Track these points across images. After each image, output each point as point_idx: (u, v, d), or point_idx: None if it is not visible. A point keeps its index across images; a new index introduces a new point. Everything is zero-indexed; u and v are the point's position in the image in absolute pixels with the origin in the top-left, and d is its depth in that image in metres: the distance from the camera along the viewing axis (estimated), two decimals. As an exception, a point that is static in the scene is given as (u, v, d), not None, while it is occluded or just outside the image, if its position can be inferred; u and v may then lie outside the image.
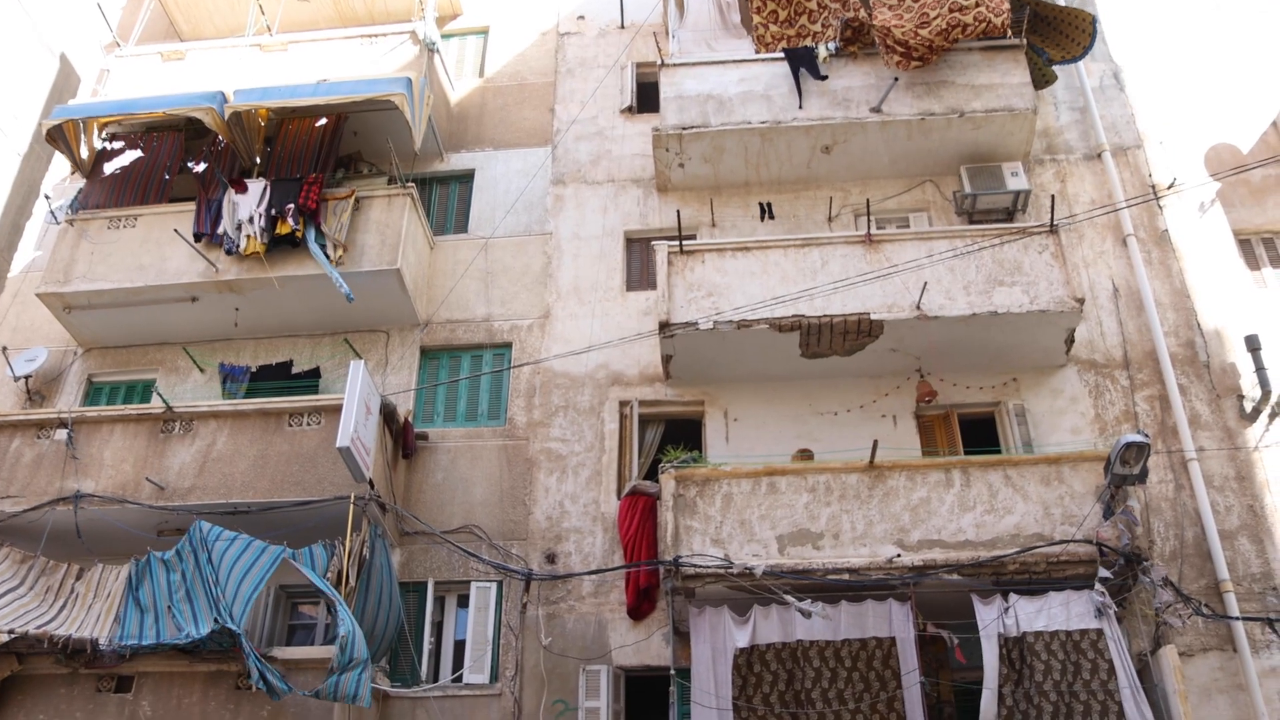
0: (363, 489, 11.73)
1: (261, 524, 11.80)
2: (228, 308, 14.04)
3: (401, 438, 12.94)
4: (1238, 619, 11.39)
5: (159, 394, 13.40)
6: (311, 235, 13.67)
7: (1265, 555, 11.91)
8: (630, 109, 16.19)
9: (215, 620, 10.71)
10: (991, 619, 10.48)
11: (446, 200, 15.93)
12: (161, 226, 14.28)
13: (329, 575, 11.27)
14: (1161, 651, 10.39)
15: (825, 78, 14.43)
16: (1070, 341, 12.77)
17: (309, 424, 12.48)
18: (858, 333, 12.35)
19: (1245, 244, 14.20)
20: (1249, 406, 12.78)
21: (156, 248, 14.14)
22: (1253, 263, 14.08)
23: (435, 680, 11.96)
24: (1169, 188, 14.24)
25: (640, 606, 11.81)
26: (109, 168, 15.44)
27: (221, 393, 13.83)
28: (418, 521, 12.64)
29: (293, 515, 11.91)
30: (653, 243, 13.52)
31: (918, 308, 12.21)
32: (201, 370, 14.23)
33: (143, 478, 12.22)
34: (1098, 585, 10.41)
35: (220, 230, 13.93)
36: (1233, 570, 11.77)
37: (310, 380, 13.99)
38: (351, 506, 11.61)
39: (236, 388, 13.90)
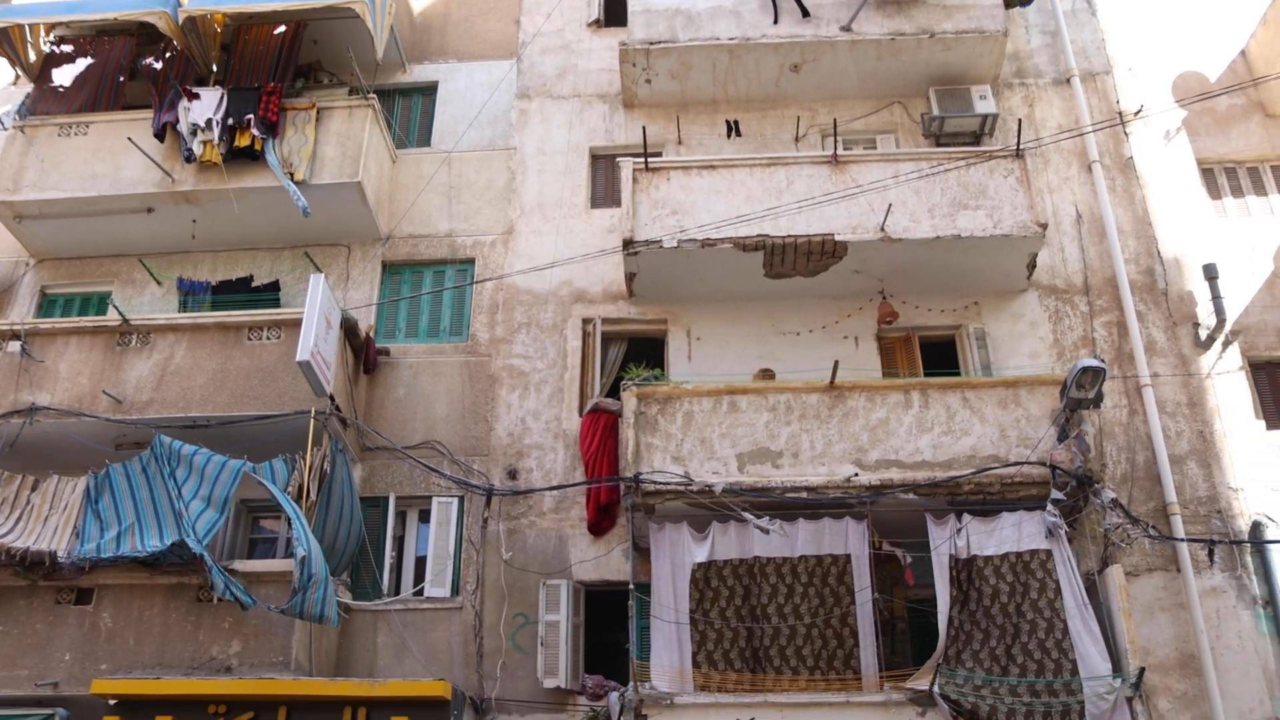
0: (323, 403, 11.67)
1: (221, 438, 11.72)
2: (185, 220, 13.77)
3: (363, 353, 12.86)
4: (1183, 540, 11.68)
5: (115, 306, 13.18)
6: (271, 146, 13.38)
7: (1212, 480, 12.19)
8: (597, 22, 15.89)
9: (178, 533, 10.69)
10: (944, 538, 10.70)
11: (409, 113, 15.63)
12: (115, 134, 13.92)
13: (289, 490, 11.26)
14: (1108, 571, 10.65)
15: (797, -6, 14.25)
16: (1032, 266, 12.86)
17: (269, 338, 12.36)
18: (821, 253, 12.35)
19: (1208, 173, 14.28)
20: (1203, 334, 12.96)
21: (110, 156, 13.80)
22: (1214, 192, 14.18)
23: (396, 594, 12.07)
24: (1136, 114, 14.25)
25: (601, 522, 11.94)
26: (58, 74, 14.95)
27: (181, 310, 13.62)
28: (379, 436, 12.63)
29: (252, 430, 11.84)
30: (618, 159, 13.40)
31: (882, 229, 12.22)
32: (159, 283, 14.00)
33: (99, 390, 12.08)
34: (1049, 506, 10.63)
35: (178, 132, 13.57)
36: (1180, 494, 12.05)
37: (270, 294, 13.82)
38: (312, 421, 11.56)
39: (197, 304, 13.72)
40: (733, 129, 14.57)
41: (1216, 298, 12.89)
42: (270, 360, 12.22)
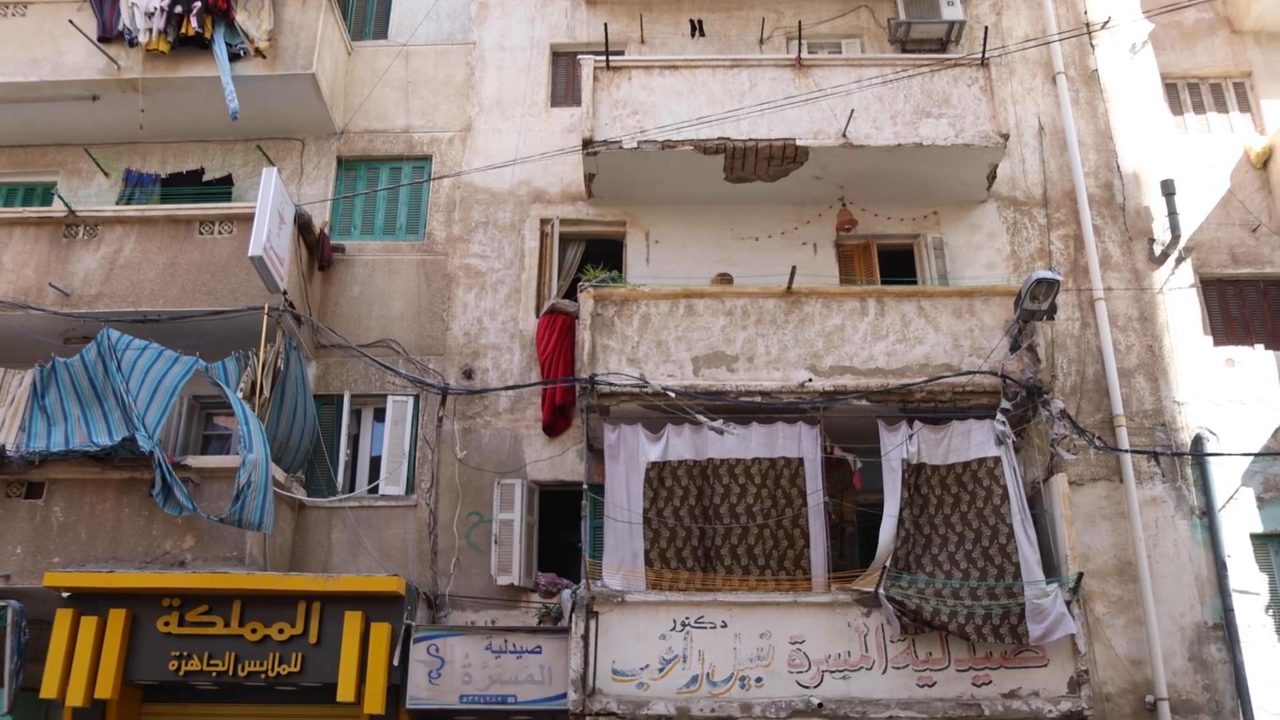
0: (277, 300, 11.54)
1: (172, 334, 11.58)
2: (132, 108, 13.32)
3: (317, 249, 12.67)
4: (1127, 452, 11.95)
5: (60, 197, 12.85)
6: (221, 35, 12.93)
7: (1159, 393, 12.42)
8: (560, -85, 15.41)
9: (127, 429, 10.60)
10: (896, 445, 10.85)
11: (365, 3, 15.15)
12: (55, 17, 13.37)
13: (242, 386, 11.18)
14: (1053, 480, 10.86)
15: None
16: (992, 177, 12.86)
17: (220, 232, 12.13)
18: (783, 158, 12.26)
19: (1172, 88, 14.24)
20: (1158, 250, 13.08)
21: (51, 40, 13.28)
22: (1177, 107, 14.17)
23: (351, 491, 12.10)
24: (1103, 26, 14.14)
25: (556, 423, 11.99)
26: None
27: (128, 202, 13.28)
28: (334, 334, 12.52)
29: (205, 325, 11.70)
30: (579, 57, 13.12)
31: (844, 135, 12.13)
32: (106, 174, 13.64)
33: (46, 283, 11.84)
34: (999, 416, 10.79)
35: (120, 24, 13.06)
36: (1127, 406, 12.28)
37: (222, 188, 13.52)
38: (265, 317, 11.45)
39: (145, 197, 13.39)
40: (696, 29, 14.32)
41: (1173, 214, 12.98)
42: (222, 255, 12.03)
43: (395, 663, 10.35)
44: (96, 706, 10.51)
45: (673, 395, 10.73)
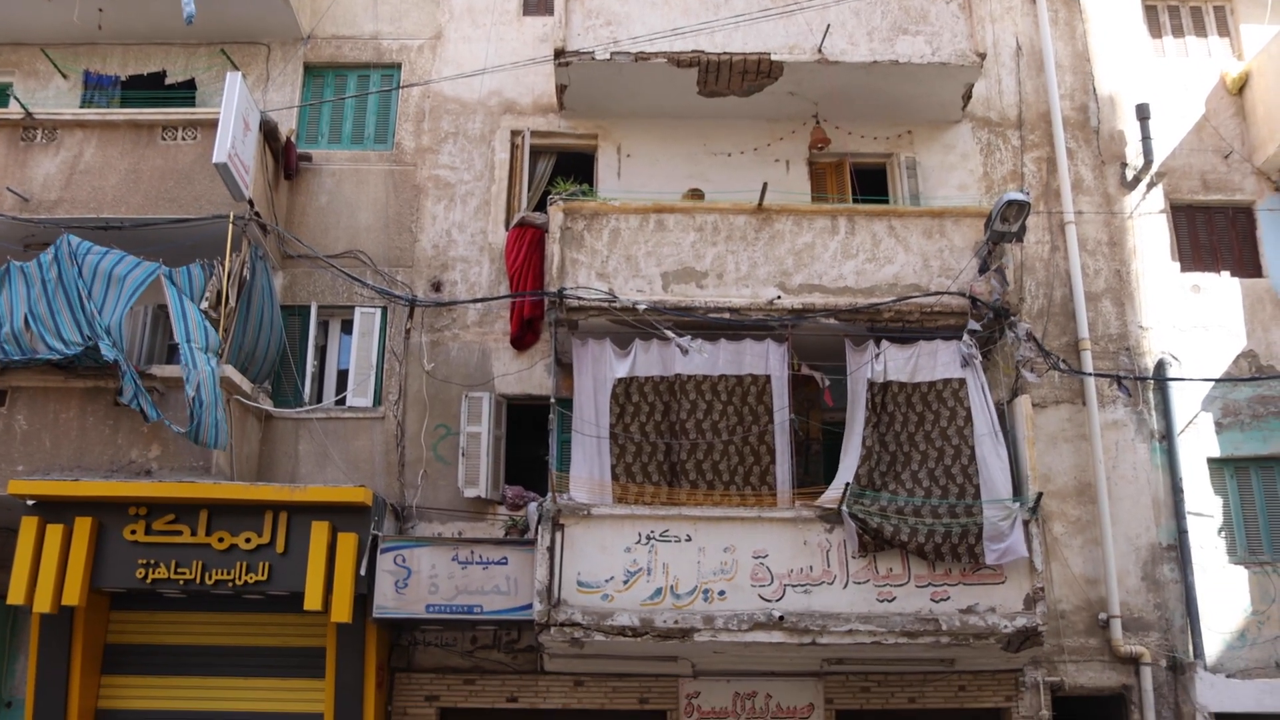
0: (242, 208, 11.35)
1: (135, 242, 11.38)
2: (90, 7, 12.88)
3: (283, 157, 12.44)
4: (1090, 375, 12.07)
5: (16, 99, 12.50)
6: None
7: (1124, 318, 12.52)
8: None
9: (87, 337, 10.47)
10: (862, 364, 10.90)
11: (333, -98, 14.68)
12: (5, -95, 12.89)
13: (207, 295, 11.06)
14: (1017, 401, 10.97)
15: None
16: (968, 97, 12.75)
17: (184, 138, 11.88)
18: (757, 73, 12.10)
19: (1151, 10, 14.10)
20: (1130, 175, 13.08)
21: (1, -70, 12.82)
22: (1155, 30, 14.04)
23: (319, 402, 12.05)
24: (1085, -58, 13.94)
25: (524, 337, 11.95)
26: None
27: (88, 105, 12.95)
28: (300, 244, 12.35)
29: (169, 233, 11.51)
30: (551, -37, 12.84)
31: (819, 51, 11.97)
32: (64, 76, 13.26)
33: (3, 188, 11.57)
34: (966, 337, 10.83)
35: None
36: (1093, 330, 12.38)
37: (185, 93, 13.21)
38: (230, 226, 11.27)
39: (105, 99, 13.06)
40: (673, -61, 13.97)
41: (1146, 138, 12.95)
42: (186, 162, 11.80)
43: (362, 572, 10.43)
44: (64, 614, 10.54)
45: (641, 310, 10.70)
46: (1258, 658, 11.46)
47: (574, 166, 12.85)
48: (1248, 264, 12.97)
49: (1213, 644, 11.45)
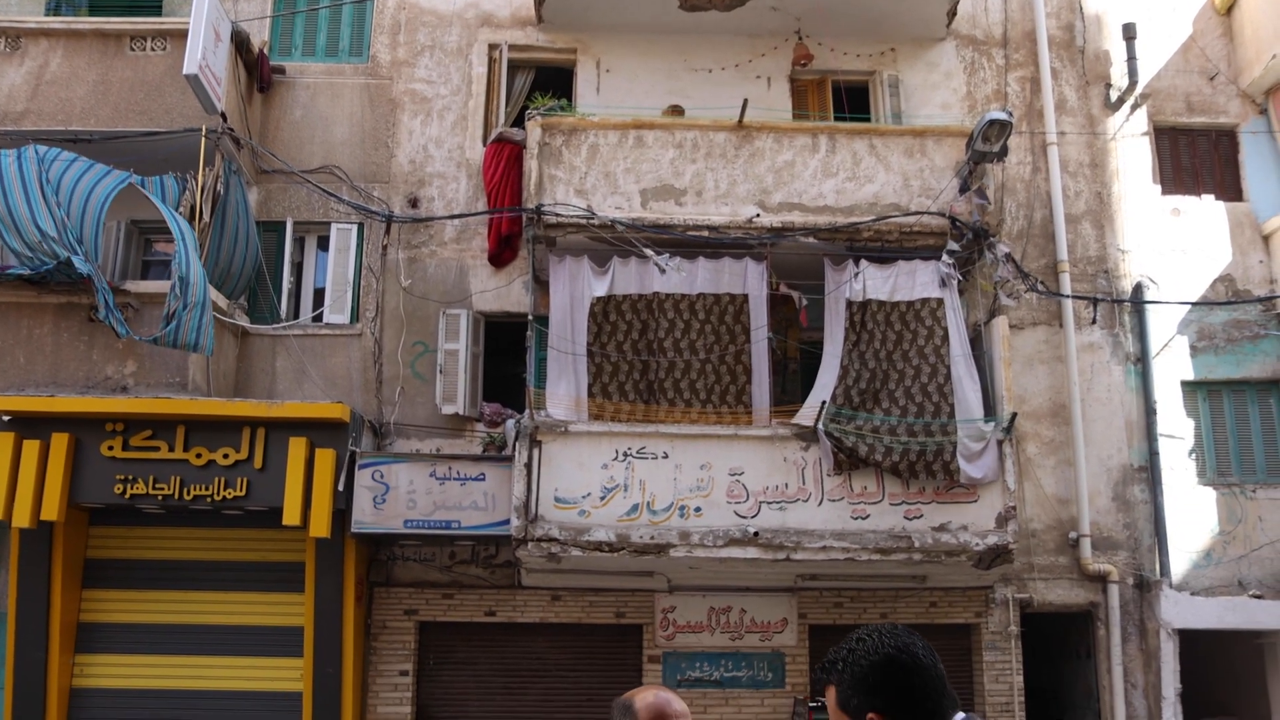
0: (214, 121, 11.16)
1: (105, 154, 11.15)
2: (55, -89, 12.60)
3: (256, 70, 12.20)
4: (1068, 297, 12.10)
5: (-21, 5, 12.21)
6: None
7: (1103, 240, 12.52)
8: None
9: (64, 247, 10.31)
10: (841, 283, 10.89)
11: None
12: None
13: (181, 210, 10.91)
14: (994, 322, 11.01)
15: None
16: (952, 14, 12.57)
17: (153, 49, 11.63)
18: (740, -15, 11.90)
19: (1140, -74, 13.86)
20: (1114, 95, 12.98)
21: None
22: (1145, -52, 13.82)
23: (295, 319, 11.99)
24: None
25: (502, 254, 11.87)
26: None
27: (52, 13, 12.62)
28: (275, 159, 12.17)
29: (140, 147, 11.31)
30: None
31: (803, -37, 11.77)
32: (30, -17, 12.94)
33: (-34, 99, 11.36)
34: (945, 257, 10.82)
35: None
36: (1072, 252, 12.38)
37: (153, 1, 12.89)
38: (203, 140, 11.08)
39: (72, 9, 12.72)
40: None
41: (1131, 59, 12.82)
42: (156, 73, 11.57)
43: (340, 488, 10.47)
44: (44, 529, 10.59)
45: (620, 228, 10.63)
46: (1222, 576, 11.69)
47: (553, 82, 12.63)
48: (1229, 188, 12.95)
49: (1179, 563, 11.67)
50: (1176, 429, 12.06)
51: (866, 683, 2.01)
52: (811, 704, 10.37)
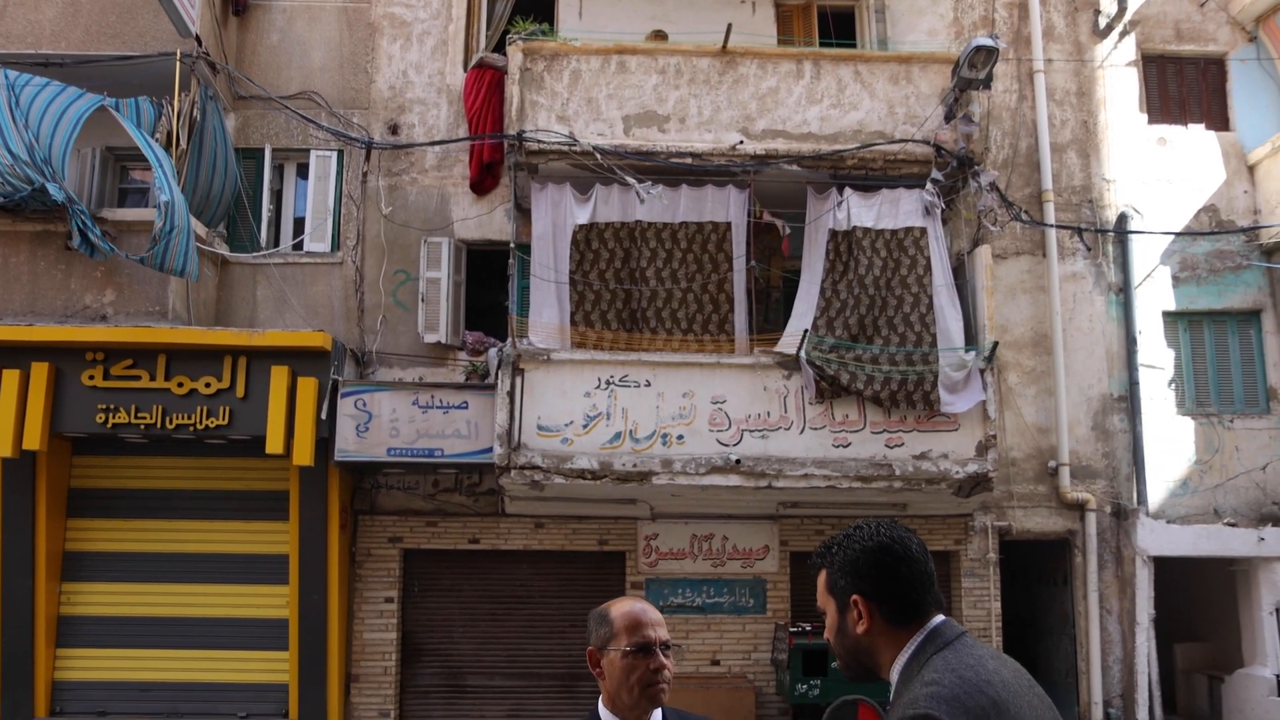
0: (189, 45, 10.96)
1: (78, 79, 10.95)
2: None
3: (231, -8, 11.97)
4: (1052, 226, 12.07)
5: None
6: None
7: (1089, 169, 12.46)
8: None
9: (36, 171, 10.16)
10: (824, 211, 10.83)
11: None
12: None
13: (158, 137, 10.75)
14: (977, 251, 10.98)
15: None
16: (941, -63, 12.39)
17: (125, -31, 11.38)
18: (725, -92, 11.67)
19: None
20: (1103, 22, 12.82)
21: None
22: None
23: (276, 247, 11.89)
24: None
25: (483, 181, 11.76)
26: None
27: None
28: (252, 84, 11.98)
29: (113, 71, 11.12)
30: None
31: (791, -115, 11.53)
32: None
33: (-68, 20, 11.11)
34: (929, 185, 10.76)
35: None
36: (1057, 181, 12.32)
37: (125, -79, 12.57)
38: (178, 64, 10.89)
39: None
40: None
41: (1122, -17, 12.68)
42: (128, -5, 11.33)
43: (323, 416, 10.47)
44: (26, 458, 10.59)
45: (602, 155, 10.52)
46: (1198, 505, 11.84)
47: (534, 5, 12.37)
48: (1216, 117, 12.88)
49: (1156, 491, 11.80)
50: (1157, 359, 12.12)
51: (856, 566, 2.04)
52: (793, 629, 10.50)
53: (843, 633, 2.09)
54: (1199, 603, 12.73)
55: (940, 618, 2.01)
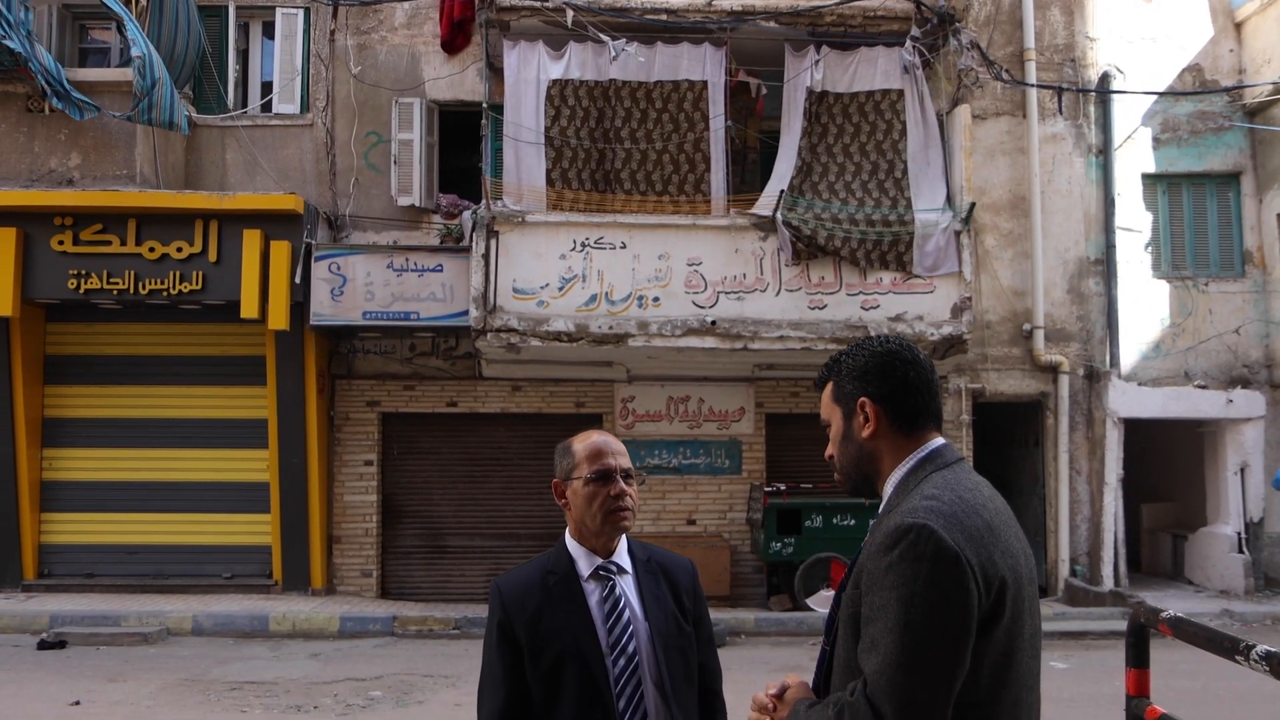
0: (145, -106, 10.54)
1: (32, -69, 10.60)
2: None
3: None
4: (1032, 86, 11.88)
5: None
6: None
7: (1072, 28, 12.21)
8: None
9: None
10: (802, 69, 10.64)
11: None
12: None
13: (117, -9, 10.42)
14: (956, 111, 10.83)
15: None
16: None
17: None
18: None
19: None
20: (1095, -125, 12.42)
21: None
22: None
23: (244, 109, 11.64)
24: None
25: (454, 40, 11.47)
26: None
27: None
28: (212, -62, 11.56)
29: (68, -77, 10.73)
30: None
31: None
32: None
33: None
34: (908, 44, 10.56)
35: None
36: (1039, 40, 12.08)
37: None
38: (135, -84, 10.49)
39: None
40: None
41: None
42: None
43: (297, 280, 10.43)
44: (0, 325, 10.53)
45: (575, 11, 10.25)
46: (1169, 368, 11.96)
47: None
48: (1204, -29, 12.60)
49: (1129, 354, 11.91)
50: (1134, 222, 12.09)
51: (865, 370, 2.05)
52: (768, 489, 10.68)
53: (847, 439, 2.11)
54: (1166, 464, 12.99)
55: (941, 440, 2.05)
